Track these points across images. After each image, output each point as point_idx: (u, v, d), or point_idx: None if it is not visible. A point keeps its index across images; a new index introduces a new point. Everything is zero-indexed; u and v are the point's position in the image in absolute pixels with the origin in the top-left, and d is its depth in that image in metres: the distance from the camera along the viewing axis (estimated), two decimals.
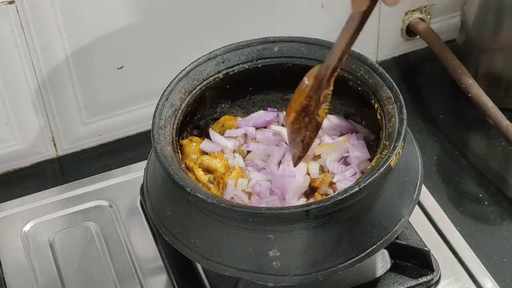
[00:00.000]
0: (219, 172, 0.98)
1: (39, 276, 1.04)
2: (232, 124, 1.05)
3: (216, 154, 1.00)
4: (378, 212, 0.91)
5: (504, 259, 1.04)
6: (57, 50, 1.12)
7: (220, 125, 1.05)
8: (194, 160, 1.00)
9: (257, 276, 0.89)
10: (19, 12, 1.06)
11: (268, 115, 1.06)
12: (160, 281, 1.03)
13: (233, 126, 1.05)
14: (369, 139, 1.00)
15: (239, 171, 0.98)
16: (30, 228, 1.10)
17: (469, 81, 1.20)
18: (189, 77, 0.99)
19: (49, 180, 1.18)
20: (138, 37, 1.15)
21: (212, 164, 0.99)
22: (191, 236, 0.90)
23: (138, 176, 1.13)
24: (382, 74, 0.96)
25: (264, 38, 1.02)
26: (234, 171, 0.98)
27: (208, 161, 0.99)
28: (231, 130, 1.04)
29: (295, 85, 1.04)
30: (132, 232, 1.09)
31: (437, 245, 1.05)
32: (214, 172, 0.98)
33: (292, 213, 0.85)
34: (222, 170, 0.98)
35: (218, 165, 0.99)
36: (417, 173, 0.96)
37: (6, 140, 1.17)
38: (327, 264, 0.88)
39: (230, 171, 0.98)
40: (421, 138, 1.21)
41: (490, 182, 1.15)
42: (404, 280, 1.00)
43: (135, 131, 1.25)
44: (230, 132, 1.04)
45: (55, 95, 1.16)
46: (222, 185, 0.97)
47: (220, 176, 0.97)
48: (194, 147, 1.01)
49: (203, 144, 1.02)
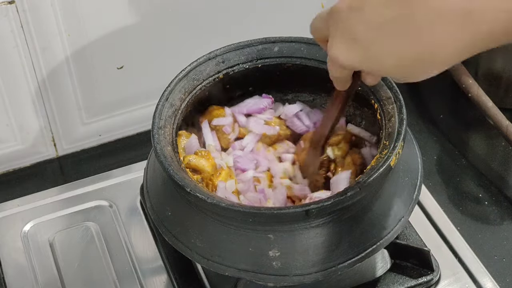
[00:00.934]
0: (206, 173, 0.97)
1: (39, 276, 1.04)
2: (220, 113, 1.03)
3: (203, 153, 0.99)
4: (378, 212, 0.91)
5: (504, 259, 1.04)
6: (57, 50, 1.12)
7: (208, 114, 1.03)
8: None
9: (257, 276, 0.89)
10: (19, 12, 1.06)
11: (262, 101, 1.04)
12: (160, 281, 1.04)
13: (221, 115, 1.03)
14: (370, 141, 1.00)
15: (227, 171, 0.97)
16: (30, 228, 1.10)
17: (469, 81, 1.20)
18: (189, 77, 0.99)
19: (49, 180, 1.18)
20: (138, 37, 1.15)
21: (199, 164, 0.97)
22: (191, 236, 0.90)
23: (138, 176, 1.13)
24: None
25: (264, 38, 1.02)
26: (222, 172, 0.97)
27: (195, 161, 0.97)
28: (219, 118, 1.02)
29: (295, 85, 1.05)
30: (132, 232, 1.09)
31: (437, 245, 1.05)
32: (201, 173, 0.97)
33: (292, 213, 0.85)
34: (209, 170, 0.97)
35: (205, 164, 0.97)
36: (417, 173, 0.96)
37: (6, 140, 1.17)
38: (327, 264, 0.88)
39: (218, 171, 0.97)
40: (421, 138, 1.21)
41: (490, 182, 1.15)
42: (404, 280, 1.00)
43: (135, 131, 1.25)
44: (218, 121, 1.02)
45: (55, 95, 1.16)
46: (211, 187, 0.96)
47: (208, 177, 0.96)
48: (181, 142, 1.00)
49: (187, 143, 1.00)
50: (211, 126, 1.02)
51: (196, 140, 1.00)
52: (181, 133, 1.00)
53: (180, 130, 0.99)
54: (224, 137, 1.02)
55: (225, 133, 1.02)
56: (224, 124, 1.02)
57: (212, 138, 1.02)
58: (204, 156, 0.98)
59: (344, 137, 1.00)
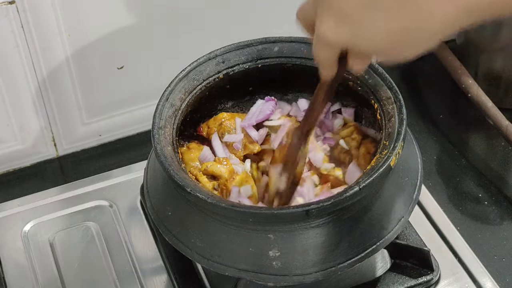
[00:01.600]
0: (223, 179, 0.97)
1: (39, 276, 1.05)
2: (231, 124, 1.03)
3: (221, 159, 0.99)
4: (378, 212, 0.91)
5: (504, 259, 1.05)
6: (58, 50, 1.12)
7: (217, 123, 1.03)
8: (197, 167, 0.98)
9: (257, 276, 0.89)
10: (19, 12, 1.06)
11: (267, 106, 1.04)
12: (160, 281, 1.04)
13: (232, 127, 1.03)
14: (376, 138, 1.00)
15: (242, 176, 0.97)
16: (31, 228, 1.10)
17: (468, 81, 1.21)
18: (189, 77, 0.99)
19: (50, 180, 1.19)
20: (138, 37, 1.16)
21: (216, 170, 0.97)
22: (191, 236, 0.90)
23: (138, 176, 1.13)
24: (382, 74, 0.96)
25: (264, 38, 1.02)
26: (237, 177, 0.96)
27: (212, 167, 0.97)
28: (230, 135, 1.02)
29: (295, 85, 1.05)
30: (132, 232, 1.09)
31: (437, 245, 1.05)
32: (219, 178, 0.97)
33: (292, 213, 0.85)
34: (226, 176, 0.97)
35: (223, 170, 0.97)
36: (417, 173, 0.96)
37: (7, 140, 1.17)
38: (327, 264, 0.88)
39: (233, 176, 0.97)
40: (421, 138, 1.21)
41: (490, 182, 1.15)
42: (404, 280, 1.00)
43: (135, 131, 1.25)
44: (230, 137, 1.02)
45: (56, 95, 1.16)
46: (225, 192, 0.96)
47: (223, 183, 0.96)
48: (193, 155, 1.00)
49: (201, 154, 1.00)
50: (221, 140, 1.02)
51: (209, 151, 1.00)
52: (191, 146, 1.00)
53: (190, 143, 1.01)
54: (234, 153, 1.02)
55: (234, 149, 1.02)
56: (235, 141, 1.02)
57: (223, 150, 1.01)
58: (222, 162, 0.98)
59: (356, 128, 1.00)
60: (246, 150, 1.02)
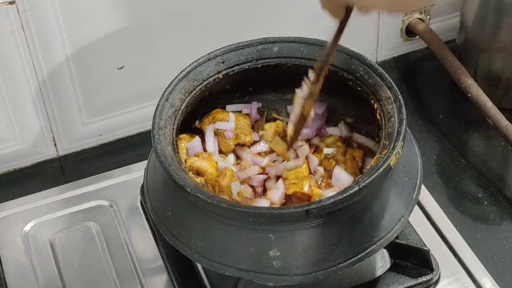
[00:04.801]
0: (209, 175, 0.97)
1: (39, 276, 1.05)
2: (223, 117, 1.03)
3: (204, 155, 0.99)
4: (378, 212, 0.91)
5: (503, 258, 1.05)
6: (58, 50, 1.12)
7: (211, 117, 1.04)
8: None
9: (257, 276, 0.89)
10: (19, 12, 1.06)
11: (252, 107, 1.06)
12: (160, 281, 1.04)
13: (224, 119, 1.03)
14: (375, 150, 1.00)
15: (231, 173, 0.97)
16: (31, 228, 1.10)
17: (468, 81, 1.21)
18: (189, 78, 0.99)
19: (50, 180, 1.19)
20: (138, 37, 1.16)
21: (202, 166, 0.97)
22: (191, 236, 0.90)
23: (138, 176, 1.13)
24: (382, 74, 0.96)
25: (263, 39, 1.02)
26: (227, 173, 0.97)
27: (198, 163, 0.98)
28: (222, 122, 1.03)
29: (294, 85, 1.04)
30: (133, 232, 1.09)
31: (437, 244, 1.05)
32: (204, 175, 0.97)
33: (292, 213, 0.85)
34: (212, 172, 0.97)
35: (208, 166, 0.98)
36: (417, 173, 0.96)
37: (7, 140, 1.17)
38: (327, 263, 0.88)
39: (223, 172, 0.97)
40: (421, 138, 1.21)
41: (489, 182, 1.15)
42: (404, 280, 1.00)
43: (135, 131, 1.25)
44: (220, 125, 1.03)
45: (56, 95, 1.16)
46: (217, 188, 0.96)
47: (213, 179, 0.97)
48: (183, 145, 1.00)
49: (191, 143, 1.01)
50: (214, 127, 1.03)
51: (199, 142, 1.01)
52: (182, 136, 1.00)
53: (182, 134, 1.00)
54: (225, 142, 1.02)
55: (225, 138, 1.02)
56: (226, 128, 1.02)
57: (213, 143, 1.02)
58: (206, 159, 0.98)
59: (338, 138, 1.02)
60: (238, 139, 1.02)
